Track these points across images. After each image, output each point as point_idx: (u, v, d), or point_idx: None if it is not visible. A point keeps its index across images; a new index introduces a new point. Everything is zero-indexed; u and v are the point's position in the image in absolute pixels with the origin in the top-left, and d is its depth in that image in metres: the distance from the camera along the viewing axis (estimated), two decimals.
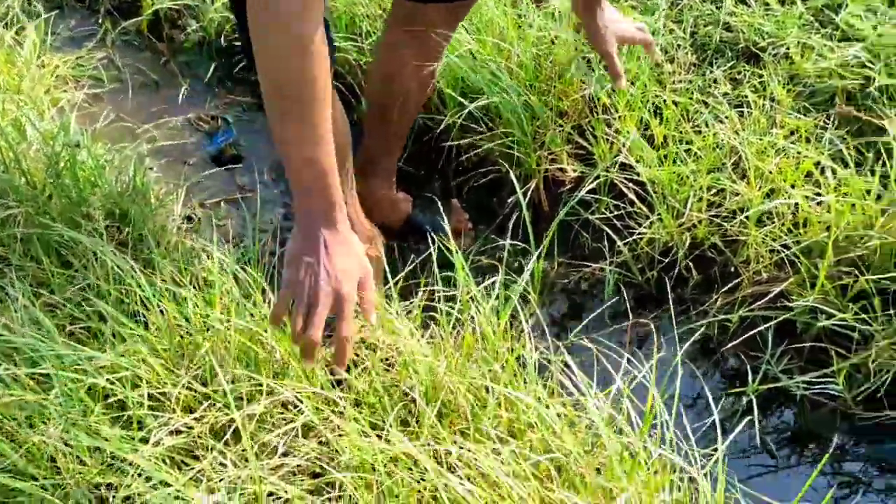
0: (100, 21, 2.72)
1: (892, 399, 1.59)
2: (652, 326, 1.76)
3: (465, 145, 2.08)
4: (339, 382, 1.43)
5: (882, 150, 1.77)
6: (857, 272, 1.62)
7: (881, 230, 1.62)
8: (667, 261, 1.85)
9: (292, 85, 1.19)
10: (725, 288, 1.78)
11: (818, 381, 1.61)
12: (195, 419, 1.29)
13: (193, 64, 2.59)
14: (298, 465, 1.28)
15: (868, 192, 1.69)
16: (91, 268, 1.57)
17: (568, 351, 1.56)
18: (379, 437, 1.28)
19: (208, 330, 1.47)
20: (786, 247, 1.71)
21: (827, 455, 1.35)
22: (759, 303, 1.70)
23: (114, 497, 1.20)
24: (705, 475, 1.27)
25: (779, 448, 1.62)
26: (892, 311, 1.59)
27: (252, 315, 1.48)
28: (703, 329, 1.77)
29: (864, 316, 1.59)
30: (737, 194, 1.81)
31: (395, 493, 1.21)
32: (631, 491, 1.23)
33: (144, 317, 1.48)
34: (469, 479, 1.23)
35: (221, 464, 1.25)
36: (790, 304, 1.64)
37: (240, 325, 1.42)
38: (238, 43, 2.44)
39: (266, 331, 1.46)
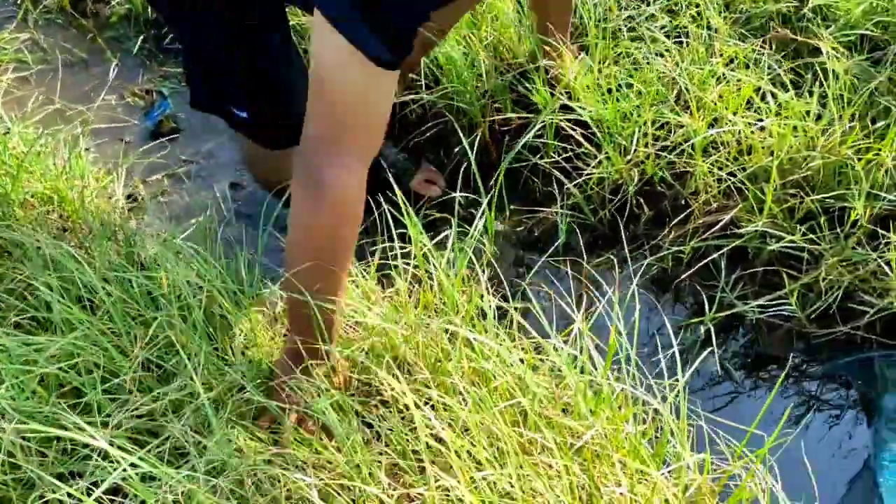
0: (18, 1, 2.61)
1: (843, 314, 1.62)
2: (608, 265, 1.77)
3: (409, 100, 2.05)
4: None
5: (818, 71, 1.79)
6: (802, 194, 1.64)
7: (823, 150, 1.64)
8: (618, 199, 1.86)
9: (332, 253, 1.25)
10: (677, 221, 1.80)
11: (772, 304, 1.64)
12: (153, 399, 1.27)
13: (121, 38, 2.51)
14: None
15: (808, 113, 1.70)
16: (33, 257, 1.52)
17: (526, 297, 1.56)
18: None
19: (159, 309, 1.44)
20: (732, 175, 1.72)
21: (782, 376, 1.37)
22: (711, 232, 1.71)
23: (80, 484, 1.17)
24: (668, 406, 1.29)
25: (738, 373, 1.65)
26: (838, 229, 1.62)
27: (200, 288, 1.45)
28: (657, 263, 1.79)
29: (812, 236, 1.62)
30: (681, 126, 1.81)
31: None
32: (597, 427, 1.24)
33: (91, 302, 1.45)
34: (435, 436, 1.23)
35: (186, 440, 1.24)
36: (740, 231, 1.66)
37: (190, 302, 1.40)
38: None
39: (221, 306, 1.44)
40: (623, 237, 1.87)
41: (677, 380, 1.30)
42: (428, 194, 1.94)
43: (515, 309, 1.44)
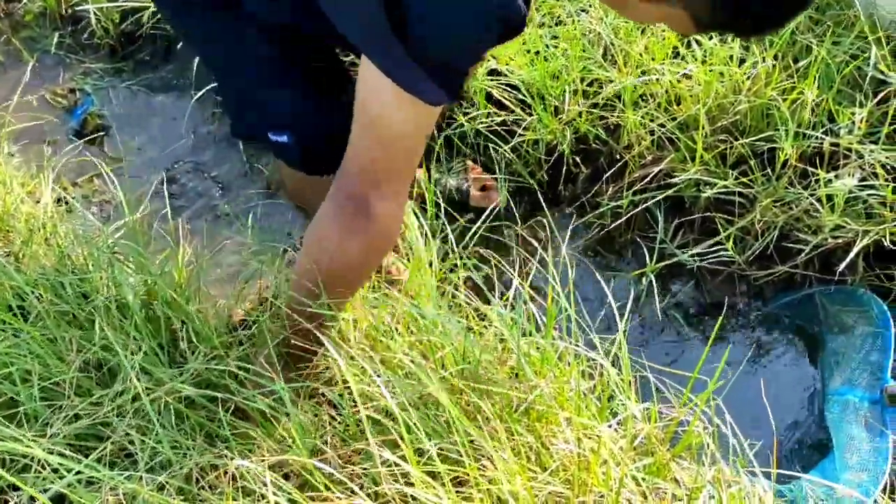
0: None
1: (781, 254, 1.65)
2: (549, 225, 1.76)
3: None
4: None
5: None
6: (732, 139, 1.65)
7: (749, 94, 1.65)
8: (553, 159, 1.86)
9: (361, 278, 1.27)
10: (613, 176, 1.80)
11: (711, 250, 1.65)
12: (93, 403, 1.24)
13: (37, 38, 2.42)
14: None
15: (731, 58, 1.71)
16: None
17: (467, 267, 1.56)
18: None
19: (94, 311, 1.40)
20: (663, 126, 1.73)
21: (720, 319, 1.39)
22: (643, 183, 1.72)
23: (19, 497, 1.15)
24: (611, 359, 1.29)
25: (682, 321, 1.67)
26: (768, 171, 1.63)
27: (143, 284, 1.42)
28: (597, 220, 1.79)
29: (744, 180, 1.63)
30: (610, 81, 1.81)
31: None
32: (542, 387, 1.24)
33: (23, 309, 1.41)
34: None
35: (130, 441, 1.22)
36: (674, 181, 1.67)
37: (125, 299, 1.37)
38: (83, 7, 2.30)
39: (158, 300, 1.41)
40: (562, 196, 1.88)
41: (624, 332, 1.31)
42: (489, 206, 1.82)
43: (457, 278, 1.43)
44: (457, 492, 1.06)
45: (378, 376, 1.21)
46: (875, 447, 1.41)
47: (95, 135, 2.14)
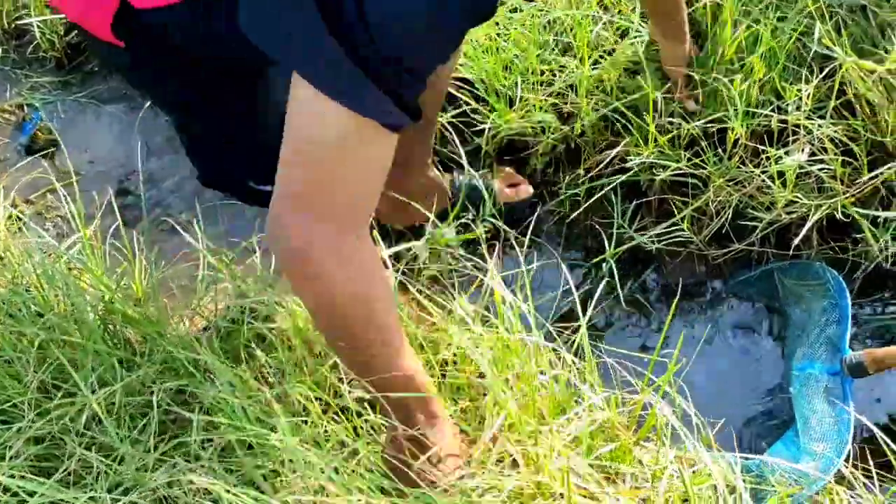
0: None
1: (736, 231, 1.66)
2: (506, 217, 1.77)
3: None
4: None
5: None
6: (683, 121, 1.66)
7: (698, 75, 1.66)
8: (512, 150, 1.86)
9: (369, 341, 1.06)
10: (570, 164, 1.81)
11: (668, 232, 1.67)
12: (48, 421, 1.23)
13: None
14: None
15: None
16: None
17: (429, 263, 1.56)
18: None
19: (51, 329, 1.38)
20: (616, 111, 1.73)
21: (675, 301, 1.40)
22: (599, 169, 1.73)
23: None
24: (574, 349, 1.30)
25: (643, 303, 1.69)
26: (720, 151, 1.65)
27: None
28: (557, 209, 1.80)
29: (697, 161, 1.65)
30: (563, 68, 1.81)
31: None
32: (510, 380, 1.25)
33: None
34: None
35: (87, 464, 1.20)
36: (629, 165, 1.68)
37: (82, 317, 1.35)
38: (26, 21, 2.26)
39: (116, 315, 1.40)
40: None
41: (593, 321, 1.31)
42: (520, 199, 1.79)
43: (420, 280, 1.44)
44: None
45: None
46: (837, 418, 1.43)
47: (46, 150, 2.10)
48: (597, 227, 1.74)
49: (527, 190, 1.80)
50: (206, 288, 1.55)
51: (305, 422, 1.22)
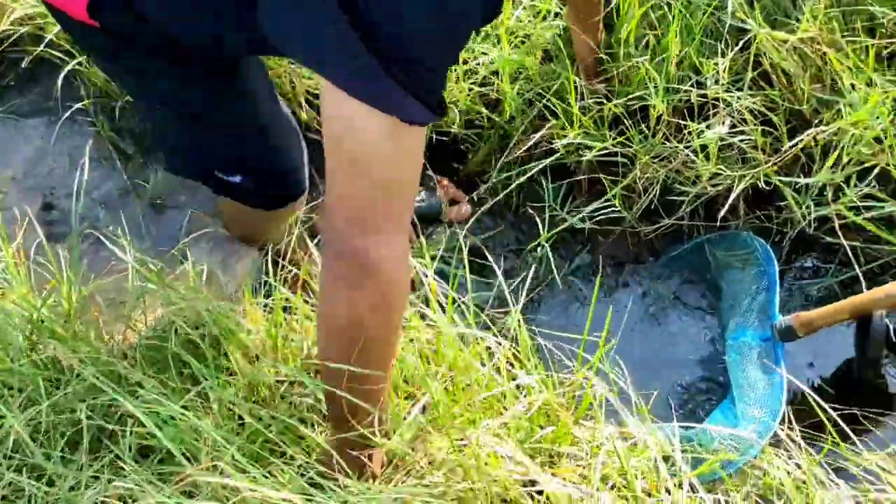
0: None
1: (665, 207, 1.69)
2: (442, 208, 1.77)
3: None
4: None
5: None
6: (605, 100, 1.68)
7: (617, 55, 1.68)
8: (443, 140, 1.85)
9: (387, 336, 1.06)
10: (501, 150, 1.81)
11: (600, 211, 1.68)
12: None
13: None
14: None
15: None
16: None
17: None
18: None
19: None
20: (541, 94, 1.73)
21: (598, 280, 1.41)
22: (527, 151, 1.73)
23: None
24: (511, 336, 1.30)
25: (579, 284, 1.70)
26: (644, 128, 1.67)
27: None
28: (489, 197, 1.80)
29: (622, 139, 1.66)
30: (485, 53, 1.80)
31: None
32: (443, 372, 1.25)
33: None
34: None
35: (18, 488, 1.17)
36: (556, 148, 1.69)
37: None
38: None
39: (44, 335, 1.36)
40: (460, 176, 1.87)
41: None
42: (464, 217, 1.79)
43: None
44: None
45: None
46: (771, 383, 1.46)
47: None
48: (530, 211, 1.75)
49: (467, 209, 1.80)
50: (137, 299, 1.52)
51: (241, 425, 1.20)
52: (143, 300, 1.49)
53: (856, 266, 1.59)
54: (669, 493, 1.12)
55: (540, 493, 1.09)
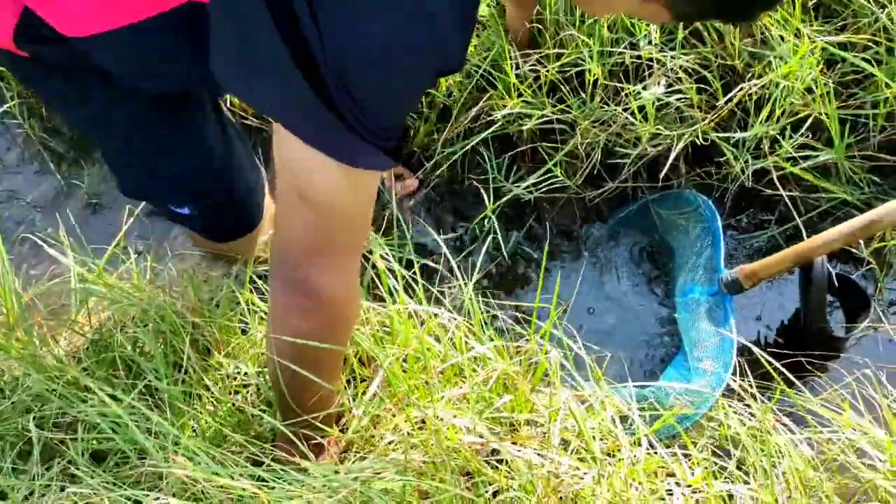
0: None
1: (608, 171, 1.70)
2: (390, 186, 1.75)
3: None
4: None
5: None
6: (542, 68, 1.68)
7: (547, 22, 1.67)
8: None
9: (333, 357, 1.07)
10: (443, 126, 1.80)
11: (543, 180, 1.68)
12: None
13: None
14: None
15: None
16: None
17: None
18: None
19: None
20: (477, 66, 1.72)
21: (545, 248, 1.42)
22: (468, 124, 1.73)
23: None
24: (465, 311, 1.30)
25: (529, 253, 1.70)
26: (582, 94, 1.67)
27: None
28: (434, 175, 1.79)
29: (561, 106, 1.66)
30: None
31: None
32: (396, 352, 1.24)
33: None
34: None
35: None
36: (496, 118, 1.68)
37: None
38: None
39: None
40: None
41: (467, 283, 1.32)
42: (411, 190, 1.78)
43: None
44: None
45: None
46: (721, 336, 1.48)
47: None
48: (475, 184, 1.75)
49: (413, 183, 1.79)
50: (80, 301, 1.48)
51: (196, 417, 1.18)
52: (87, 302, 1.45)
53: (796, 216, 1.63)
54: (629, 452, 1.13)
55: (501, 461, 1.09)
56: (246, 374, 1.31)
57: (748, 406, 1.28)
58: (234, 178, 1.35)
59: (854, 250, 1.62)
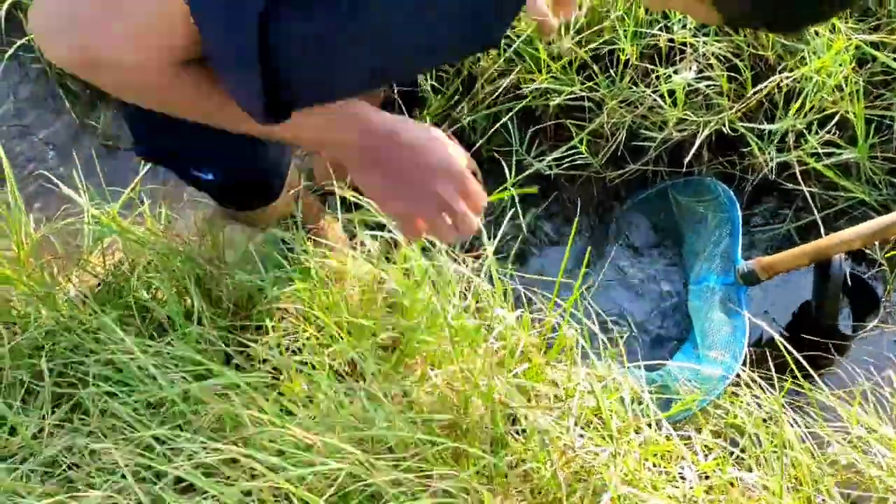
0: None
1: (631, 152, 1.69)
2: None
3: None
4: None
5: None
6: (576, 46, 1.66)
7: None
8: (408, 87, 1.81)
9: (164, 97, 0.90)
10: (468, 95, 1.79)
11: (566, 157, 1.67)
12: None
13: None
14: None
15: None
16: None
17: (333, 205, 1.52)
18: None
19: None
20: (509, 40, 1.71)
21: (574, 224, 1.41)
22: (495, 98, 1.71)
23: None
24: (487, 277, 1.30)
25: (547, 230, 1.70)
26: (612, 73, 1.66)
27: None
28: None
29: (590, 84, 1.65)
30: None
31: None
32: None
33: None
34: None
35: None
36: (524, 92, 1.67)
37: None
38: None
39: None
40: (423, 120, 1.85)
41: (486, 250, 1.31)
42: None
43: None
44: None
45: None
46: (733, 326, 1.49)
47: None
48: (496, 156, 1.74)
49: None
50: (94, 242, 1.47)
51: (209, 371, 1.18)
52: (101, 244, 1.44)
53: (814, 212, 1.63)
54: (640, 433, 1.14)
55: (518, 433, 1.10)
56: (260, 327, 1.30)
57: (757, 396, 1.29)
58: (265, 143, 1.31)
59: (868, 251, 1.63)
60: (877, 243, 1.60)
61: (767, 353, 1.40)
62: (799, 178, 1.61)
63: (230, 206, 1.44)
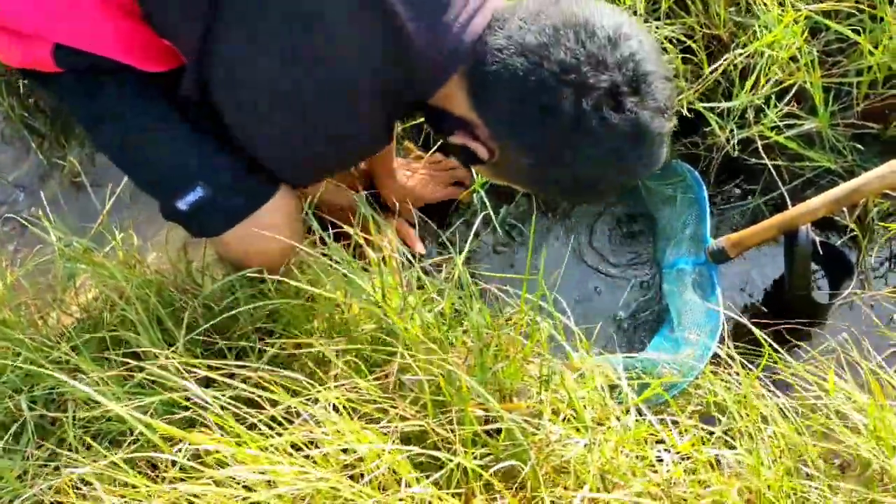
0: None
1: None
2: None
3: None
4: None
5: None
6: None
7: None
8: None
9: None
10: None
11: None
12: None
13: None
14: None
15: None
16: None
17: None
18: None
19: None
20: None
21: (534, 217, 1.42)
22: None
23: None
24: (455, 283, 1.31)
25: (518, 227, 1.71)
26: None
27: None
28: (418, 148, 1.79)
29: None
30: None
31: None
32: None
33: None
34: None
35: None
36: None
37: None
38: None
39: None
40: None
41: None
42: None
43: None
44: None
45: None
46: (708, 305, 1.50)
47: None
48: None
49: (420, 250, 1.66)
50: (67, 280, 1.47)
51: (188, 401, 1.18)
52: (74, 281, 1.45)
53: (780, 185, 1.64)
54: (619, 420, 1.15)
55: (496, 432, 1.10)
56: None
57: (736, 373, 1.30)
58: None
59: (838, 218, 1.64)
60: (845, 209, 1.60)
61: (744, 328, 1.41)
62: (762, 152, 1.62)
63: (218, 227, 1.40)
